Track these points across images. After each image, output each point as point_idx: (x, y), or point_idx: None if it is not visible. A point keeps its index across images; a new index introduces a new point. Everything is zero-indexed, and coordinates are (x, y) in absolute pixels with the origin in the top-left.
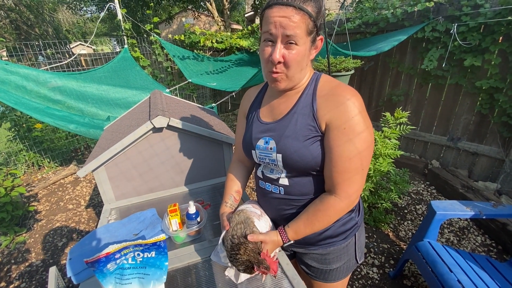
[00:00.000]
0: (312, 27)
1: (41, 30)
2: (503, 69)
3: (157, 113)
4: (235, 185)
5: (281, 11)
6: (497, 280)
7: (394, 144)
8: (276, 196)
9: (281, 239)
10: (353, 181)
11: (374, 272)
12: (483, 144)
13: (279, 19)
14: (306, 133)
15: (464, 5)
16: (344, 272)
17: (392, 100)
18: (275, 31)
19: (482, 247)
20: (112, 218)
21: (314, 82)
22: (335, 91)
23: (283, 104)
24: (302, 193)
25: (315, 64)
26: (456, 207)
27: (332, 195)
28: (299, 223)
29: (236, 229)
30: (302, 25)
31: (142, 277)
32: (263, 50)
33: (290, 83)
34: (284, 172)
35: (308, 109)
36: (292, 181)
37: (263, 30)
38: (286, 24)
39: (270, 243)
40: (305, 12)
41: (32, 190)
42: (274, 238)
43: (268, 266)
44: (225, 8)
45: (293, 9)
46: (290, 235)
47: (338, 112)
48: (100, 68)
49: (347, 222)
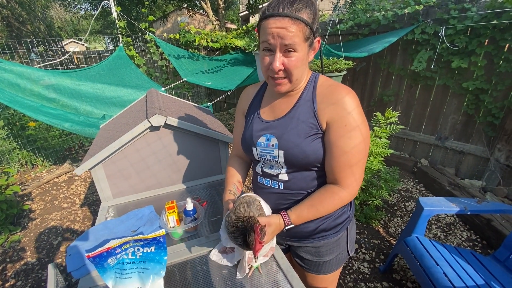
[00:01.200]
0: (309, 34)
1: (33, 27)
2: (489, 71)
3: (154, 112)
4: (236, 176)
5: (278, 22)
6: (481, 272)
7: (384, 143)
8: (275, 191)
9: (283, 221)
10: (354, 172)
11: (365, 267)
12: (469, 143)
13: (277, 30)
14: (307, 130)
15: (452, 9)
16: (336, 264)
17: (383, 100)
18: (274, 42)
19: (467, 242)
20: (110, 215)
21: (313, 82)
22: (333, 90)
23: (284, 103)
24: (300, 187)
25: (309, 65)
26: (443, 203)
27: (336, 185)
28: (302, 207)
29: (240, 208)
30: (299, 33)
31: (141, 272)
32: (263, 58)
33: (292, 86)
34: (285, 168)
35: (309, 107)
36: (292, 176)
37: (261, 40)
38: (283, 34)
39: (273, 225)
40: (301, 21)
41: (25, 189)
42: (277, 221)
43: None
44: (220, 7)
45: (289, 19)
46: (292, 219)
47: (337, 108)
48: (94, 66)
49: (340, 215)
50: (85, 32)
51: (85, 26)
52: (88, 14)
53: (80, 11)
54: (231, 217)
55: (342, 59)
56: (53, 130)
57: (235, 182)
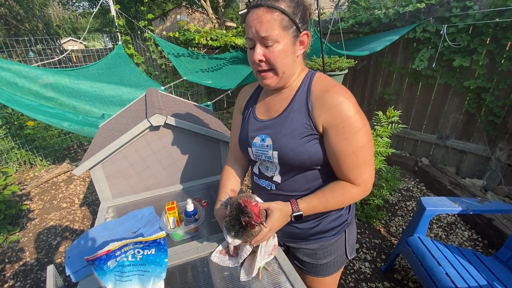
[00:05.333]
0: (287, 22)
1: (31, 25)
2: (490, 69)
3: (154, 111)
4: (230, 183)
5: (254, 14)
6: (483, 273)
7: (386, 142)
8: (270, 192)
9: (290, 208)
10: (364, 171)
11: (366, 267)
12: (470, 142)
13: (253, 22)
14: (302, 131)
15: (454, 7)
16: (334, 267)
17: (384, 99)
18: (252, 35)
19: (469, 242)
20: (109, 216)
21: (308, 80)
22: (329, 92)
23: (279, 102)
24: (292, 189)
25: (310, 64)
26: (445, 203)
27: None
28: (312, 197)
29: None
30: (274, 22)
31: (142, 274)
32: (249, 55)
33: (281, 81)
34: (278, 168)
35: (303, 107)
36: (285, 178)
37: (245, 37)
38: (259, 25)
39: (276, 210)
40: (276, 8)
41: (24, 189)
42: (281, 206)
43: (250, 212)
44: (220, 5)
45: (264, 9)
46: (302, 206)
47: (334, 113)
48: (93, 64)
49: (336, 218)
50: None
51: (83, 24)
52: (87, 12)
53: (78, 9)
54: (230, 211)
55: (344, 57)
56: (51, 129)
57: (228, 191)
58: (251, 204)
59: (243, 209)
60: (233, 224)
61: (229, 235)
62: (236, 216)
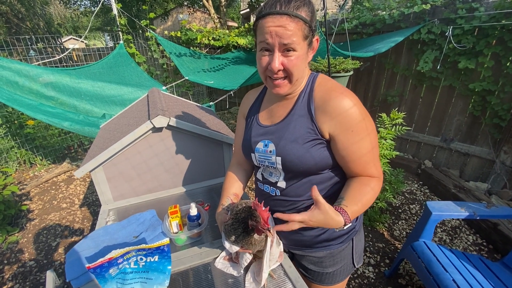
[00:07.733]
0: (307, 32)
1: (32, 23)
2: (496, 72)
3: (157, 113)
4: (233, 188)
5: (276, 21)
6: (491, 280)
7: (390, 144)
8: (273, 198)
9: (342, 219)
10: (376, 164)
11: (370, 271)
12: (474, 145)
13: (275, 29)
14: (305, 136)
15: (459, 8)
16: (341, 276)
17: (387, 100)
18: (272, 41)
19: (473, 246)
20: (110, 219)
21: (310, 83)
22: (333, 98)
23: (282, 107)
24: (297, 194)
25: (315, 65)
26: (451, 208)
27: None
28: (349, 203)
29: (238, 205)
30: (298, 32)
31: (144, 282)
32: (260, 59)
33: (293, 87)
34: (283, 174)
35: (306, 112)
36: (289, 183)
37: (258, 40)
38: (282, 33)
39: (325, 211)
40: (300, 18)
41: (24, 189)
42: (332, 211)
43: (258, 216)
44: (222, 4)
45: (288, 17)
46: (351, 215)
47: (340, 119)
48: (94, 64)
49: None
50: (85, 29)
51: (85, 23)
52: (88, 11)
53: (80, 8)
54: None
55: (349, 58)
56: (52, 128)
57: (230, 195)
58: (261, 209)
59: (252, 212)
60: (236, 227)
61: (228, 240)
62: (243, 219)
